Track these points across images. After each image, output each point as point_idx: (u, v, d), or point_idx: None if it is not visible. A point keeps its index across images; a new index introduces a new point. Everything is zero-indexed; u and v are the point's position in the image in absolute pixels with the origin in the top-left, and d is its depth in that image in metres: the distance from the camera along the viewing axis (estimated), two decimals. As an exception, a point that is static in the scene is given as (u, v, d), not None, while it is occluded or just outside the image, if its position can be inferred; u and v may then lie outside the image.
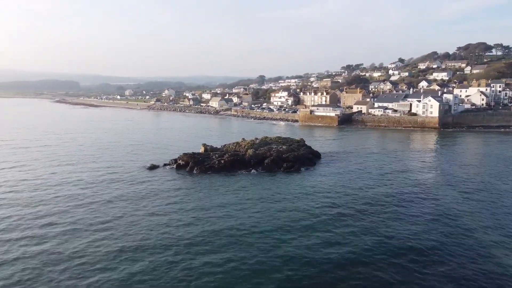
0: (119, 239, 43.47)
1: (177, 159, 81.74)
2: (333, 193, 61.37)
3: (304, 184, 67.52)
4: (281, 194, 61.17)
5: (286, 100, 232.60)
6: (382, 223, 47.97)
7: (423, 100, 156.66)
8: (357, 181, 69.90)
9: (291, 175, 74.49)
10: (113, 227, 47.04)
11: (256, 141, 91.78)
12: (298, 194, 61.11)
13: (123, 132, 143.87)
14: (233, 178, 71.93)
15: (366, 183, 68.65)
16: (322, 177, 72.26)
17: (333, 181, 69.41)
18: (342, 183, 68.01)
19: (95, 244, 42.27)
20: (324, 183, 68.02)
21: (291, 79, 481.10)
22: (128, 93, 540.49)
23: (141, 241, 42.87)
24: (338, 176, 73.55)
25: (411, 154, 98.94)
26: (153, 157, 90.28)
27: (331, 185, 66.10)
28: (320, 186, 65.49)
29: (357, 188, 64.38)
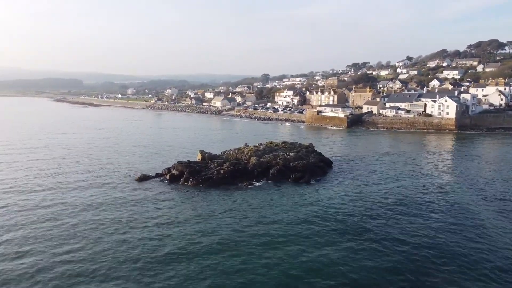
0: (79, 275, 34.07)
1: (171, 168, 72.19)
2: (355, 215, 51.50)
3: (317, 199, 57.77)
4: (290, 217, 51.27)
5: (292, 99, 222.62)
6: (414, 249, 38.31)
7: (439, 100, 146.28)
8: (375, 195, 60.27)
9: (300, 188, 64.74)
10: (74, 260, 37.58)
11: (260, 147, 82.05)
12: (311, 216, 51.21)
13: (116, 135, 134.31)
14: (234, 192, 62.26)
15: (385, 197, 59.24)
16: (337, 192, 62.39)
17: (350, 196, 59.55)
18: (359, 199, 58.28)
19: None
20: (339, 199, 58.17)
21: (295, 78, 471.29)
22: (131, 92, 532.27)
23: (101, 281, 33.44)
24: (354, 190, 63.65)
25: (429, 160, 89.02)
26: (145, 165, 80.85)
27: (348, 203, 56.23)
28: (336, 205, 55.61)
29: (378, 205, 54.55)
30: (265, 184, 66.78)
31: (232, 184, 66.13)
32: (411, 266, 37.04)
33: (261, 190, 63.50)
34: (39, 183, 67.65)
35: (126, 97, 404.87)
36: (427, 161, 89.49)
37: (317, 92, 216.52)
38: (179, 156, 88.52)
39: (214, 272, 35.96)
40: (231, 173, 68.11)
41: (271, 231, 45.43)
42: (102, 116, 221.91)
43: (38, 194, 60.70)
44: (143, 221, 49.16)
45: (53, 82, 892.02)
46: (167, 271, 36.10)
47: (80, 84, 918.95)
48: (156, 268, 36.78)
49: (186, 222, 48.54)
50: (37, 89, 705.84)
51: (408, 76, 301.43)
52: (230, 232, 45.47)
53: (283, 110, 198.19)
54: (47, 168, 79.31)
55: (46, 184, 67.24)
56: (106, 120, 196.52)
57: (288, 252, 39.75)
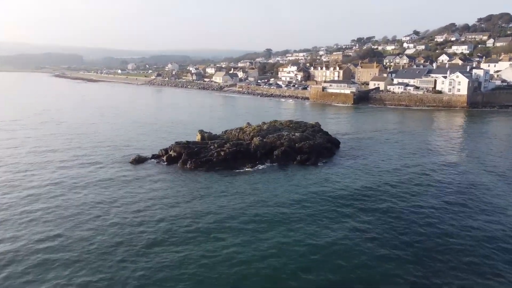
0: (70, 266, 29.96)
1: (168, 149, 67.58)
2: (364, 198, 47.04)
3: (324, 181, 53.24)
4: (297, 204, 46.77)
5: (295, 75, 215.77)
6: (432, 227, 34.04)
7: (450, 76, 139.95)
8: (385, 175, 56.34)
9: (307, 170, 60.14)
10: (53, 246, 33.44)
11: (264, 126, 77.07)
12: (318, 198, 46.77)
13: (113, 112, 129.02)
14: (235, 176, 57.76)
15: (395, 177, 55.79)
16: (345, 173, 57.81)
17: (359, 178, 54.99)
18: (369, 180, 54.00)
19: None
20: (348, 181, 53.63)
21: (299, 53, 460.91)
22: (131, 67, 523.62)
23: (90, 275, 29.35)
24: (363, 171, 59.08)
25: (440, 139, 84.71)
26: (141, 144, 76.28)
27: (357, 185, 51.66)
28: (345, 187, 51.13)
29: (388, 186, 50.04)
30: (269, 167, 62.17)
31: (234, 167, 61.53)
32: (422, 250, 33.03)
33: (265, 173, 58.95)
34: (28, 161, 63.45)
35: (126, 73, 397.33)
36: (437, 139, 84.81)
37: (321, 68, 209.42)
38: (177, 135, 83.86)
39: (204, 258, 31.92)
40: (233, 155, 63.46)
41: (274, 214, 41.15)
42: (100, 92, 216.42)
43: (25, 173, 56.61)
44: (133, 204, 44.98)
45: (53, 58, 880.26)
46: (155, 257, 32.02)
47: (80, 59, 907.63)
48: (143, 253, 32.72)
49: (180, 205, 44.27)
50: (36, 65, 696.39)
51: (415, 51, 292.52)
52: (229, 214, 41.32)
53: (286, 86, 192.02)
54: (38, 145, 75.07)
55: (36, 162, 63.17)
56: (104, 96, 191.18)
57: (292, 235, 35.55)
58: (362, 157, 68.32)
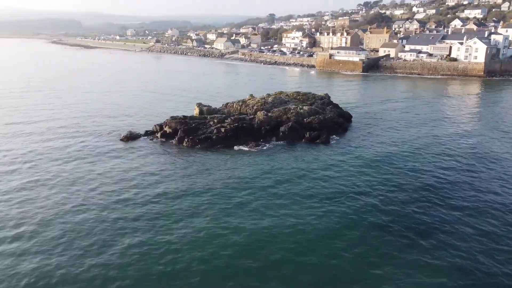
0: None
1: (163, 124, 61.05)
2: (394, 189, 40.83)
3: (340, 165, 46.92)
4: (309, 195, 40.65)
5: (300, 41, 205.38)
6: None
7: (467, 42, 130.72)
8: (403, 153, 49.90)
9: (318, 150, 53.73)
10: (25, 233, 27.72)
11: (268, 98, 70.00)
12: (338, 193, 40.64)
13: (105, 82, 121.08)
14: (236, 155, 51.51)
15: (414, 155, 50.84)
16: (362, 155, 51.35)
17: (380, 161, 48.61)
18: (387, 160, 47.87)
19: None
20: (367, 166, 47.28)
21: (303, 18, 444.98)
22: (130, 33, 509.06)
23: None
24: (383, 151, 52.62)
25: (458, 112, 78.45)
26: (133, 121, 69.49)
27: (380, 172, 45.35)
28: (364, 173, 44.85)
29: (408, 167, 43.84)
30: (274, 145, 55.71)
31: (235, 145, 55.21)
32: (446, 229, 27.21)
33: (270, 153, 52.58)
34: (7, 132, 57.33)
35: (124, 39, 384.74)
36: (455, 111, 78.46)
37: (328, 34, 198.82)
38: (173, 108, 77.21)
39: (189, 244, 26.28)
40: (234, 131, 56.89)
41: (282, 207, 35.18)
42: (95, 59, 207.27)
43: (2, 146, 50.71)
44: (118, 183, 39.03)
45: (51, 23, 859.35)
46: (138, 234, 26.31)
47: (78, 25, 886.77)
48: (114, 239, 27.01)
49: (170, 191, 38.29)
50: (33, 30, 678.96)
51: (425, 16, 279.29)
52: (228, 202, 35.37)
53: (291, 53, 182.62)
54: (21, 116, 68.84)
55: (14, 133, 57.05)
56: (99, 63, 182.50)
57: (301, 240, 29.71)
58: (377, 133, 61.71)
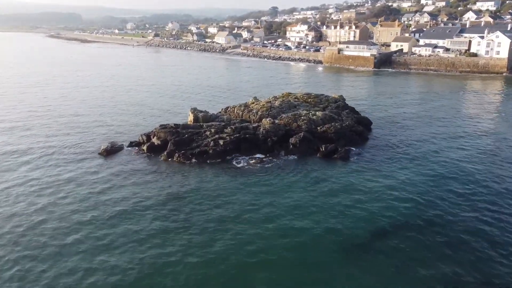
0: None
1: (151, 134, 51.63)
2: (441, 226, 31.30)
3: (366, 192, 37.37)
4: (330, 235, 31.24)
5: (306, 35, 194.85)
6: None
7: (488, 36, 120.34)
8: (450, 181, 39.60)
9: (335, 168, 44.22)
10: None
11: (275, 102, 60.30)
12: (365, 230, 31.16)
13: (92, 80, 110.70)
14: (237, 174, 42.05)
15: (460, 178, 40.31)
16: (391, 172, 41.76)
17: (413, 178, 39.04)
18: (429, 184, 38.02)
19: None
20: (400, 185, 37.77)
21: (306, 11, 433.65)
22: (130, 27, 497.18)
23: None
24: (415, 169, 42.99)
25: (491, 113, 67.58)
26: (116, 129, 59.83)
27: (419, 199, 35.77)
28: (400, 196, 35.30)
29: (450, 192, 34.26)
30: (283, 161, 46.19)
31: (236, 160, 45.80)
32: None
33: (278, 171, 43.10)
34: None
35: (123, 33, 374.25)
36: (484, 115, 68.23)
37: (335, 27, 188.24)
38: (165, 114, 67.58)
39: None
40: (235, 144, 47.41)
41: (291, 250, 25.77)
42: (90, 54, 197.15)
43: None
44: (88, 212, 29.70)
45: (51, 17, 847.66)
46: None
47: (78, 18, 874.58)
48: None
49: (144, 233, 28.90)
50: (33, 24, 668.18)
51: (434, 8, 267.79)
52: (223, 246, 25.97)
53: (296, 48, 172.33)
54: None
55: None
56: (93, 58, 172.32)
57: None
58: (404, 144, 52.07)
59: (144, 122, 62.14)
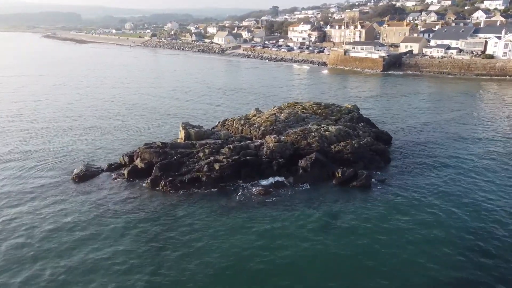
0: None
1: (134, 155, 43.55)
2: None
3: (392, 223, 29.36)
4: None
5: (309, 35, 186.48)
6: None
7: (506, 37, 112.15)
8: (498, 213, 31.52)
9: (355, 198, 36.26)
10: None
11: (280, 115, 52.10)
12: None
13: (77, 86, 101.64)
14: (236, 210, 34.04)
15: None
16: (425, 203, 33.75)
17: (452, 210, 31.02)
18: (472, 215, 29.90)
19: None
20: (437, 222, 29.77)
21: (307, 11, 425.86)
22: (128, 27, 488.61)
23: None
24: (450, 193, 35.04)
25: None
26: (96, 145, 51.63)
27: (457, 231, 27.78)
28: (439, 236, 27.29)
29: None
30: (291, 190, 38.07)
31: (235, 189, 37.79)
32: None
33: (285, 203, 35.14)
34: None
35: (121, 33, 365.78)
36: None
37: (340, 27, 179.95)
38: (150, 131, 59.06)
39: None
40: (233, 169, 39.33)
41: None
42: (83, 55, 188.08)
43: None
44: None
45: (50, 16, 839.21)
46: None
47: (78, 18, 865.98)
48: None
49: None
50: (31, 24, 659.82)
51: (440, 7, 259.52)
52: None
53: (299, 49, 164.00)
54: None
55: None
56: (85, 60, 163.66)
57: None
58: (432, 165, 44.07)
59: (130, 137, 53.98)
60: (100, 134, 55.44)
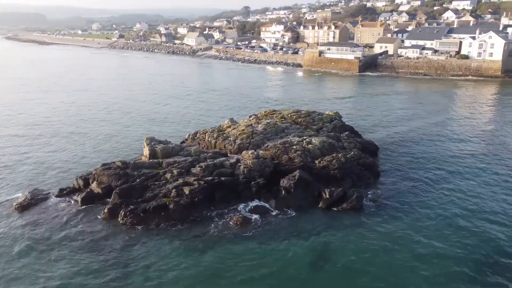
0: None
1: (90, 178, 37.46)
2: None
3: (391, 252, 24.97)
4: None
5: (282, 36, 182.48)
6: None
7: (481, 37, 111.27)
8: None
9: (346, 225, 31.66)
10: None
11: (258, 126, 47.03)
12: None
13: (28, 93, 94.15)
14: (210, 245, 28.76)
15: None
16: (426, 232, 29.53)
17: (464, 244, 26.89)
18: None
19: None
20: (444, 248, 25.52)
21: (279, 11, 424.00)
22: (96, 27, 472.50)
23: None
24: (455, 221, 30.98)
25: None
26: (47, 166, 44.76)
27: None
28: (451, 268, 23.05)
29: None
30: (273, 217, 33.10)
31: (208, 217, 32.50)
32: None
33: (267, 234, 30.19)
34: None
35: (87, 34, 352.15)
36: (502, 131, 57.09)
37: (313, 27, 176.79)
38: (114, 142, 52.73)
39: None
40: (206, 192, 33.97)
41: None
42: (41, 59, 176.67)
43: None
44: None
45: (13, 17, 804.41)
46: None
47: (43, 19, 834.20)
48: None
49: None
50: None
51: (410, 7, 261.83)
52: None
53: (273, 50, 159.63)
54: None
55: None
56: (42, 64, 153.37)
57: None
58: (425, 177, 40.13)
59: (88, 154, 47.52)
60: (52, 152, 48.57)
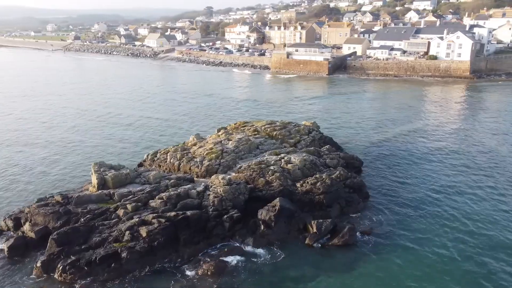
0: None
1: (21, 217, 30.10)
2: None
3: None
4: None
5: (248, 37, 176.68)
6: None
7: (449, 37, 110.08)
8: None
9: (340, 270, 26.21)
10: None
11: (228, 143, 40.81)
12: None
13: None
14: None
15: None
16: (437, 273, 24.61)
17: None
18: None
19: None
20: None
21: (242, 11, 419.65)
22: (51, 28, 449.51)
23: None
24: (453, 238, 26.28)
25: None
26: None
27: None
28: None
29: None
30: (250, 260, 27.16)
31: (170, 265, 26.15)
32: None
33: (244, 285, 24.20)
34: None
35: (41, 35, 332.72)
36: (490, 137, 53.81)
37: (279, 28, 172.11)
38: (54, 167, 44.52)
39: None
40: (169, 233, 27.53)
41: None
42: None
43: None
44: None
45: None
46: None
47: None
48: None
49: None
50: None
51: (373, 8, 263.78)
52: None
53: (238, 52, 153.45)
54: None
55: None
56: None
57: None
58: (419, 196, 35.59)
59: (21, 186, 39.62)
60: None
